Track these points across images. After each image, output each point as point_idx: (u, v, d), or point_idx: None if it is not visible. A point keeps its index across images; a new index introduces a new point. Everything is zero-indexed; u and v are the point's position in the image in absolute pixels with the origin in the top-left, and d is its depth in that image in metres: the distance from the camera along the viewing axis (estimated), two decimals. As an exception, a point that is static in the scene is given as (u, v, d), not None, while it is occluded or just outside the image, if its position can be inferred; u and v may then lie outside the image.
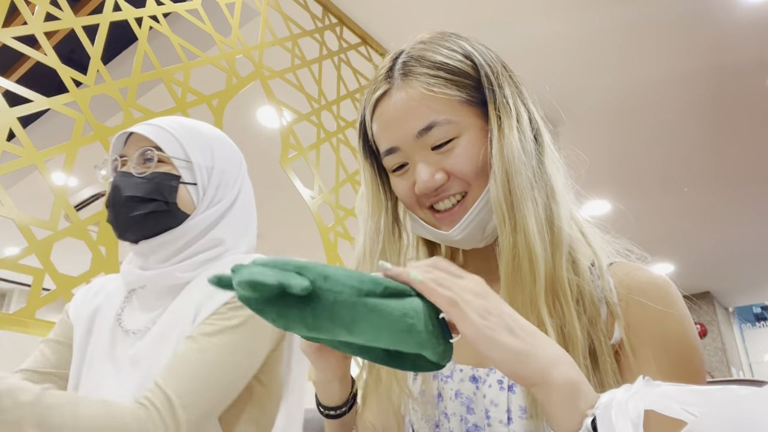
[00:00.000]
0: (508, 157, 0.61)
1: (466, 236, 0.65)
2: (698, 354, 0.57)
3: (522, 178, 0.60)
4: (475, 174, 0.63)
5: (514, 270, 0.59)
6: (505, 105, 0.64)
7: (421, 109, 0.63)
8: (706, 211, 4.63)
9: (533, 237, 0.58)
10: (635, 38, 2.72)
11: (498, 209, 0.60)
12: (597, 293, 0.60)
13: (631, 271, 0.61)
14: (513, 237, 0.59)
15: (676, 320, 0.57)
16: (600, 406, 0.35)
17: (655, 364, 0.55)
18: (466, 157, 0.63)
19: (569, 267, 0.60)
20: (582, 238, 0.64)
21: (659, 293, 0.58)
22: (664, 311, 0.57)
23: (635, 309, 0.58)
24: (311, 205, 2.03)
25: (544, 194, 0.62)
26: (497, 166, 0.61)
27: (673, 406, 0.32)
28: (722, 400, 0.31)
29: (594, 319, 0.58)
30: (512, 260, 0.59)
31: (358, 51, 2.58)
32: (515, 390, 0.59)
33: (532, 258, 0.58)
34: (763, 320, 8.51)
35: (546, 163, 0.65)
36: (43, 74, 1.68)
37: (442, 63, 0.65)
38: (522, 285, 0.58)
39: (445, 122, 0.63)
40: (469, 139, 0.63)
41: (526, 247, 0.58)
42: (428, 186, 0.63)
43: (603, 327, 0.58)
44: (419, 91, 0.63)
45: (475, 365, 0.64)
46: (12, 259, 1.22)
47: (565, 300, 0.57)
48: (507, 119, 0.63)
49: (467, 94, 0.64)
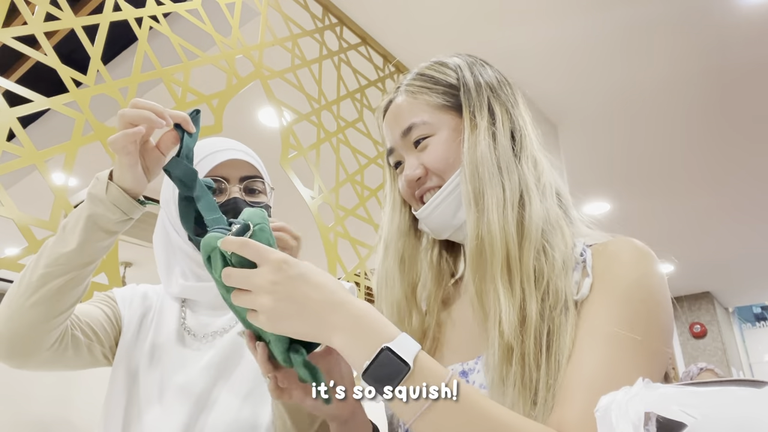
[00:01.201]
0: (477, 150, 0.68)
1: (435, 217, 0.72)
2: (646, 289, 0.58)
3: (489, 169, 0.67)
4: (447, 168, 0.71)
5: (477, 251, 0.64)
6: (481, 108, 0.71)
7: (405, 114, 0.74)
8: (706, 212, 4.63)
9: (494, 222, 0.64)
10: (635, 38, 2.72)
11: (465, 196, 0.67)
12: (569, 268, 0.62)
13: (610, 243, 0.64)
14: (477, 221, 0.65)
15: (629, 268, 0.59)
16: (600, 407, 0.35)
17: (605, 308, 0.57)
18: (438, 153, 0.71)
19: (537, 255, 0.63)
20: (561, 233, 0.66)
21: (625, 251, 0.61)
22: (624, 263, 0.59)
23: (600, 264, 0.61)
24: (311, 205, 2.03)
25: (516, 186, 0.67)
26: (466, 158, 0.69)
27: (673, 408, 0.32)
28: (722, 402, 0.31)
29: (555, 306, 0.60)
30: (475, 241, 0.65)
31: (358, 51, 2.58)
32: None
33: (492, 239, 0.63)
34: (763, 320, 8.52)
35: (522, 159, 0.70)
36: (43, 74, 1.68)
37: (428, 75, 0.76)
38: (482, 264, 0.64)
39: (421, 123, 0.72)
40: (443, 137, 0.71)
41: (488, 230, 0.64)
42: (409, 178, 0.72)
43: (573, 289, 0.60)
44: (407, 99, 0.75)
45: (463, 361, 0.68)
46: (12, 259, 1.22)
47: (528, 282, 0.61)
48: (480, 120, 0.70)
49: (444, 99, 0.73)
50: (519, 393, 0.56)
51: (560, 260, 0.63)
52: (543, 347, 0.58)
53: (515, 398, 0.57)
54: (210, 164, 0.88)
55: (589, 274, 0.61)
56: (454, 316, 0.75)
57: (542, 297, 0.61)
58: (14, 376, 1.17)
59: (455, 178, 0.70)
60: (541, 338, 0.58)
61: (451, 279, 0.81)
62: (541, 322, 0.59)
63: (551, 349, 0.58)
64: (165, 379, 0.83)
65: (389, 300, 0.74)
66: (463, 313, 0.74)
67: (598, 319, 0.57)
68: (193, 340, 0.88)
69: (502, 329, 0.59)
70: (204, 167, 0.88)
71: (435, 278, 0.78)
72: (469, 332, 0.71)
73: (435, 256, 0.80)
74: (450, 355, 0.71)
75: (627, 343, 0.54)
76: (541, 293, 0.61)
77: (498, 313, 0.60)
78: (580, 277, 0.62)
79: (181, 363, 0.84)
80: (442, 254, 0.81)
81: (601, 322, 0.56)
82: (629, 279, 0.58)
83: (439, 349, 0.73)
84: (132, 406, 0.82)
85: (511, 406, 0.57)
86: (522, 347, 0.58)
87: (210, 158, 0.89)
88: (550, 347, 0.58)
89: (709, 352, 6.85)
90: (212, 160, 0.89)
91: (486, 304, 0.62)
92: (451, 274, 0.82)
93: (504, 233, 0.63)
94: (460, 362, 0.68)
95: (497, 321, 0.60)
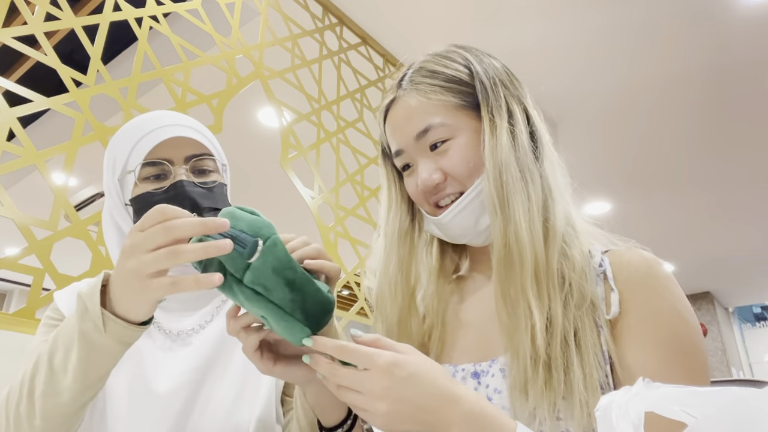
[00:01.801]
0: (500, 153, 0.65)
1: (456, 224, 0.69)
2: (690, 328, 0.59)
3: (514, 173, 0.65)
4: (469, 173, 0.68)
5: (506, 259, 0.63)
6: (499, 107, 0.68)
7: (419, 114, 0.69)
8: (706, 211, 4.63)
9: (522, 229, 0.62)
10: (635, 38, 2.72)
11: (490, 202, 0.65)
12: (590, 275, 0.63)
13: (624, 252, 0.65)
14: (504, 228, 0.63)
15: (664, 297, 0.60)
16: (600, 408, 0.35)
17: (648, 339, 0.58)
18: (459, 158, 0.68)
19: (560, 259, 0.63)
20: (575, 233, 0.67)
21: (647, 270, 0.62)
22: (653, 287, 0.60)
23: (627, 284, 0.61)
24: (311, 205, 2.03)
25: (540, 190, 0.66)
26: (489, 162, 0.66)
27: (673, 408, 0.32)
28: (722, 402, 0.31)
29: (580, 304, 0.61)
30: (503, 249, 0.63)
31: (358, 51, 2.58)
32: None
33: (521, 248, 0.62)
34: (763, 320, 8.51)
35: (544, 162, 0.69)
36: (43, 74, 1.69)
37: (440, 72, 0.71)
38: (512, 273, 0.62)
39: (440, 125, 0.68)
40: (464, 141, 0.68)
41: (516, 239, 0.62)
42: (427, 184, 0.69)
43: (601, 306, 0.61)
44: (418, 98, 0.70)
45: (476, 362, 0.67)
46: (12, 259, 1.22)
47: (553, 288, 0.61)
48: (500, 120, 0.67)
49: (461, 99, 0.69)
50: (543, 396, 0.57)
51: (579, 259, 0.63)
52: (572, 347, 0.58)
53: (538, 401, 0.57)
54: (149, 145, 0.76)
55: (613, 289, 0.61)
56: (462, 317, 0.74)
57: (565, 298, 0.61)
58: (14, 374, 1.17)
59: (478, 184, 0.67)
60: (567, 339, 0.59)
61: (453, 274, 0.80)
62: (567, 322, 0.60)
63: (581, 347, 0.58)
64: (134, 386, 0.72)
65: (393, 309, 0.73)
66: (471, 313, 0.73)
67: (648, 362, 0.57)
68: (164, 338, 0.78)
69: (535, 337, 0.59)
70: (142, 149, 0.76)
71: (437, 276, 0.77)
72: (480, 333, 0.70)
73: (437, 254, 0.79)
74: (460, 356, 0.70)
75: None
76: (564, 294, 0.61)
77: (530, 322, 0.60)
78: (604, 291, 0.62)
79: (156, 367, 0.74)
80: (445, 252, 0.80)
81: (653, 366, 0.57)
82: (671, 316, 0.58)
83: (447, 349, 0.72)
84: (94, 414, 0.70)
85: (533, 410, 0.57)
86: (549, 351, 0.58)
87: (148, 138, 0.77)
88: (579, 345, 0.58)
89: (709, 352, 6.85)
90: (152, 139, 0.77)
91: (516, 312, 0.62)
92: (454, 270, 0.80)
93: (532, 240, 0.62)
94: (472, 363, 0.67)
95: (529, 330, 0.60)
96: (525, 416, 0.58)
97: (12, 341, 1.17)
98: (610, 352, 0.59)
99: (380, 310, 0.74)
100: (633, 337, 0.59)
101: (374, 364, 0.50)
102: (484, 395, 0.63)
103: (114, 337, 0.55)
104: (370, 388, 0.50)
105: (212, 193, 0.78)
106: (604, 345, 0.59)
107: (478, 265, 0.78)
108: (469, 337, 0.71)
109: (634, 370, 0.57)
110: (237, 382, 0.76)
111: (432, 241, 0.79)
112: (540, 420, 0.57)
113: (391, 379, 0.50)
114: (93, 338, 0.55)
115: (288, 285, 0.54)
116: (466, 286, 0.77)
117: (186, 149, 0.78)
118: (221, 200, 0.80)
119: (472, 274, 0.78)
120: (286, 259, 0.55)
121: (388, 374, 0.50)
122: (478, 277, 0.76)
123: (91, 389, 0.59)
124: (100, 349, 0.56)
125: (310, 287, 0.56)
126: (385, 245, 0.76)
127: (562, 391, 0.56)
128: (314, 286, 0.57)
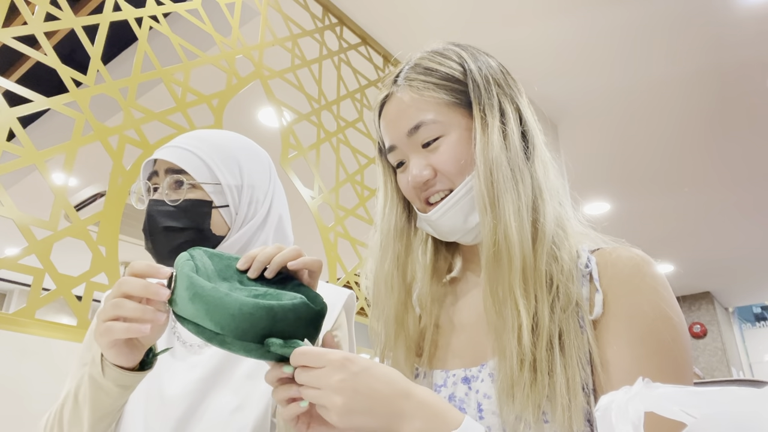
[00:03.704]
0: (491, 152, 0.65)
1: (446, 221, 0.69)
2: (670, 327, 0.58)
3: (504, 172, 0.65)
4: (459, 171, 0.68)
5: (494, 257, 0.63)
6: (492, 106, 0.68)
7: (411, 111, 0.70)
8: (706, 211, 4.63)
9: (511, 228, 0.62)
10: (635, 38, 2.72)
11: (480, 200, 0.65)
12: (576, 276, 0.63)
13: (612, 252, 0.65)
14: (494, 227, 0.63)
15: (646, 295, 0.59)
16: (600, 408, 0.35)
17: (626, 338, 0.58)
18: (450, 155, 0.68)
19: (550, 261, 0.63)
20: (565, 235, 0.67)
21: (633, 269, 0.61)
22: (637, 285, 0.60)
23: (611, 284, 0.61)
24: (311, 205, 2.03)
25: (530, 190, 0.66)
26: (480, 160, 0.66)
27: (673, 408, 0.32)
28: (722, 402, 0.31)
29: (565, 307, 0.61)
30: (492, 247, 0.63)
31: (358, 51, 2.58)
32: None
33: (510, 247, 0.62)
34: (763, 320, 8.51)
35: (535, 162, 0.69)
36: (43, 74, 1.69)
37: (434, 69, 0.71)
38: (501, 272, 0.62)
39: (432, 122, 0.68)
40: (455, 138, 0.68)
41: (505, 237, 0.62)
42: (417, 180, 0.69)
43: (585, 307, 0.61)
44: (411, 95, 0.70)
45: (467, 367, 0.67)
46: (12, 259, 1.22)
47: (540, 289, 0.61)
48: (492, 119, 0.67)
49: (454, 96, 0.69)
50: (528, 398, 0.57)
51: (567, 261, 0.63)
52: (556, 350, 0.58)
53: (524, 404, 0.57)
54: (147, 169, 0.86)
55: (598, 289, 0.61)
56: (455, 319, 0.74)
57: (552, 300, 0.61)
58: (15, 374, 1.17)
59: (468, 182, 0.67)
60: (552, 341, 0.59)
61: (446, 275, 0.80)
62: (552, 324, 0.60)
63: (564, 350, 0.58)
64: (151, 389, 0.79)
65: (389, 304, 0.73)
66: (463, 316, 0.73)
67: (624, 361, 0.57)
68: (182, 348, 0.84)
69: (521, 338, 0.59)
70: (147, 167, 0.86)
71: (430, 276, 0.77)
72: (471, 337, 0.70)
73: (430, 253, 0.79)
74: (453, 360, 0.70)
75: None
76: (551, 297, 0.61)
77: (517, 323, 0.60)
78: (589, 292, 0.62)
79: (170, 374, 0.81)
80: (439, 251, 0.79)
81: (629, 365, 0.57)
82: (652, 314, 0.58)
83: (440, 352, 0.72)
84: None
85: (520, 413, 0.57)
86: (534, 353, 0.59)
87: (146, 164, 0.87)
88: (563, 348, 0.59)
89: (709, 352, 6.85)
90: (147, 164, 0.86)
91: (503, 312, 0.62)
92: (447, 270, 0.80)
93: (521, 240, 0.62)
94: (463, 368, 0.67)
95: (515, 330, 0.60)
96: (512, 420, 0.58)
97: (12, 341, 1.17)
98: (591, 353, 0.59)
99: (376, 305, 0.74)
100: (612, 334, 0.59)
101: (328, 360, 0.52)
102: (474, 401, 0.64)
103: (113, 381, 0.65)
104: (326, 382, 0.52)
105: (177, 211, 0.81)
106: (587, 346, 0.59)
107: (469, 265, 0.77)
108: (461, 340, 0.71)
109: (611, 367, 0.57)
110: (238, 394, 0.79)
111: (427, 239, 0.79)
112: (526, 423, 0.57)
113: (345, 372, 0.52)
114: (98, 381, 0.66)
115: (193, 300, 0.56)
116: (459, 288, 0.77)
117: (165, 165, 0.84)
118: (191, 218, 0.81)
119: (464, 274, 0.78)
120: (189, 276, 0.57)
121: (342, 368, 0.52)
122: (471, 277, 0.76)
123: (104, 420, 0.70)
124: (103, 390, 0.66)
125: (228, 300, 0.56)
126: (380, 241, 0.76)
127: (546, 393, 0.57)
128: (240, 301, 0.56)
